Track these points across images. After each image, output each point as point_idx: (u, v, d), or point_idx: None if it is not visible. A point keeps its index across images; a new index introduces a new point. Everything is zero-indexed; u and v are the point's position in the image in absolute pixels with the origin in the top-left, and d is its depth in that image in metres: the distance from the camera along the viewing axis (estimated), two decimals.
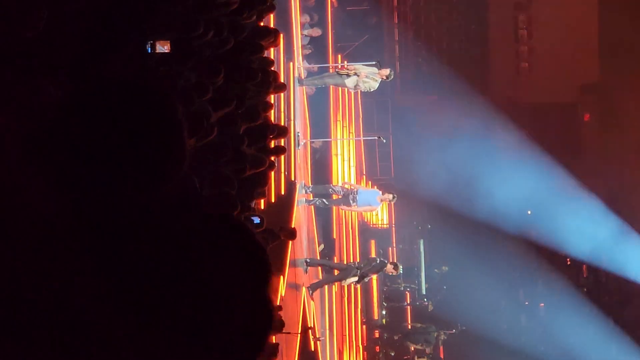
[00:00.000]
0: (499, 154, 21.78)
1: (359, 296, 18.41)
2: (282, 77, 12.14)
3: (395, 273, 15.43)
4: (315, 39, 17.74)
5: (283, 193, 12.55)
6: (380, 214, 20.78)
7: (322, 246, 16.08)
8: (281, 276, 10.57)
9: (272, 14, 10.98)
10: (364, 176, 20.56)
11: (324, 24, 18.37)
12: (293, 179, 13.35)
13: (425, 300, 20.31)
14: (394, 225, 21.99)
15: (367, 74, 14.30)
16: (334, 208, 15.92)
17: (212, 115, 6.00)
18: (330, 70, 15.89)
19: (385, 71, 14.42)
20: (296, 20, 15.40)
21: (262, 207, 9.87)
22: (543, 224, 22.62)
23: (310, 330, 12.77)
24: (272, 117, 10.42)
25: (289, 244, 11.04)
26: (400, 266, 15.60)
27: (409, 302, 20.35)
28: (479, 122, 22.81)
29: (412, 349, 19.72)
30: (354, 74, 14.38)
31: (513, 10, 23.91)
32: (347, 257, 17.52)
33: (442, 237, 23.05)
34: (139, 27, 4.96)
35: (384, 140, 16.63)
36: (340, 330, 16.31)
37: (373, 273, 15.08)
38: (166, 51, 5.12)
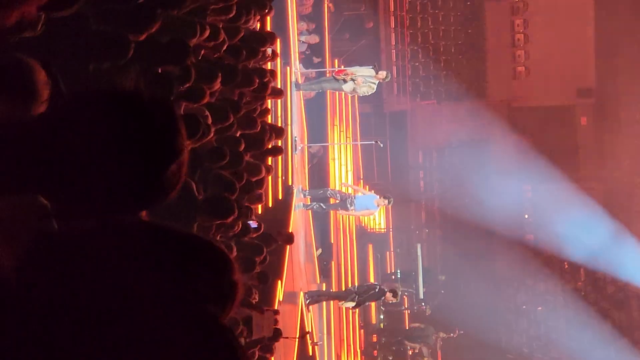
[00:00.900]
0: (496, 157, 21.81)
1: None
2: (280, 83, 12.15)
3: (395, 300, 15.70)
4: (313, 44, 17.78)
5: (280, 197, 12.56)
6: (377, 218, 20.78)
7: (320, 251, 16.08)
8: (279, 281, 10.57)
9: (269, 18, 11.01)
10: (361, 180, 20.57)
11: (321, 28, 18.40)
12: (290, 183, 13.35)
13: (423, 304, 20.30)
14: (391, 230, 21.99)
15: (364, 78, 14.35)
16: (331, 212, 15.94)
17: (209, 118, 6.00)
18: (327, 74, 15.92)
19: (382, 74, 14.56)
20: (293, 25, 15.42)
21: (260, 212, 9.89)
22: (540, 227, 22.65)
23: (308, 335, 12.76)
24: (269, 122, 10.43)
25: (287, 248, 11.05)
26: (400, 292, 15.81)
27: (406, 306, 20.34)
28: (475, 126, 22.86)
29: (410, 353, 19.70)
30: (351, 79, 14.44)
31: (509, 15, 23.95)
32: (345, 262, 17.52)
33: (440, 242, 23.10)
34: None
35: (381, 145, 16.64)
36: (338, 335, 16.30)
37: (371, 301, 15.31)
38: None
